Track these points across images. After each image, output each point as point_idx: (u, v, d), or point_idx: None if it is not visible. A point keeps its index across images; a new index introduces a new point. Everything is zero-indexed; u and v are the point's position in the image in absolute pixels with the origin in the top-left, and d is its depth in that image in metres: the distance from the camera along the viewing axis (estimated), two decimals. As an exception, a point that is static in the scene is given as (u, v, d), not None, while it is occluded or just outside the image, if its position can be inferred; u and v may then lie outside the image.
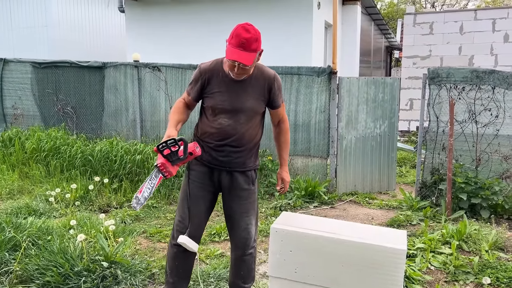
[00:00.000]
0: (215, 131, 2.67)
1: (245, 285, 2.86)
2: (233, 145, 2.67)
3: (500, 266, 3.45)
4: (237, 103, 2.64)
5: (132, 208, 2.51)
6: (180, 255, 2.75)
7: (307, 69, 6.01)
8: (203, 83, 2.68)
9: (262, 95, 2.69)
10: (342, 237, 2.21)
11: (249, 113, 2.67)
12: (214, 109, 2.66)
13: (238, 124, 2.66)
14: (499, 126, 5.01)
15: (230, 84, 2.64)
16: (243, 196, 2.74)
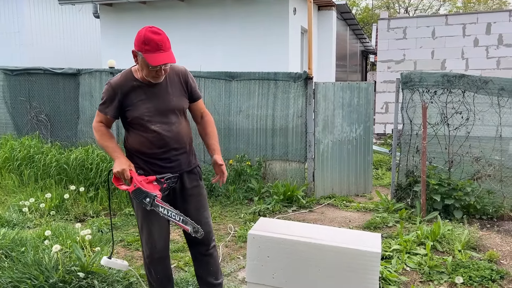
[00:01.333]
0: (152, 139, 2.64)
1: (218, 281, 2.90)
2: (176, 147, 2.69)
3: (472, 265, 3.55)
4: (163, 105, 2.65)
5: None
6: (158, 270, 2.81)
7: (284, 75, 6.07)
8: (120, 98, 2.61)
9: (182, 90, 2.74)
10: (318, 241, 2.24)
11: (177, 112, 2.70)
12: (141, 118, 2.61)
13: (171, 126, 2.67)
14: (470, 129, 5.16)
15: (149, 90, 2.63)
16: (194, 193, 2.78)
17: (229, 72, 6.23)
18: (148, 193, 2.51)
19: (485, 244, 4.12)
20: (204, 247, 2.83)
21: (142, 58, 2.49)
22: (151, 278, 2.85)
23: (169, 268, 2.91)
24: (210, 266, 2.87)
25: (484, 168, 5.18)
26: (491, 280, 3.35)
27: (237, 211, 5.41)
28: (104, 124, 2.71)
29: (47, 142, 6.78)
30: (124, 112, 2.65)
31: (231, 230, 4.69)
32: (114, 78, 2.66)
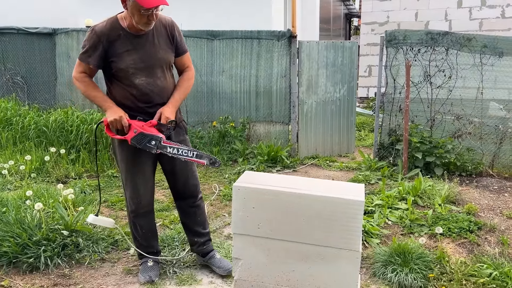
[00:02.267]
0: (136, 93, 2.56)
1: (205, 230, 2.98)
2: (161, 103, 2.62)
3: (451, 217, 3.65)
4: (149, 58, 2.55)
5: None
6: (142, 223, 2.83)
7: (267, 33, 5.95)
8: (105, 47, 2.48)
9: (168, 42, 2.64)
10: (303, 191, 2.25)
11: (163, 64, 2.63)
12: (126, 71, 2.52)
13: (157, 79, 2.60)
14: (453, 86, 5.19)
15: (135, 41, 2.53)
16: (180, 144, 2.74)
17: (211, 31, 6.07)
18: (153, 135, 2.49)
19: (464, 198, 4.23)
20: (191, 199, 2.87)
21: (133, 1, 2.36)
22: (136, 232, 2.87)
23: (153, 222, 2.94)
24: (198, 217, 2.92)
25: (465, 126, 5.26)
26: (469, 231, 3.46)
27: (222, 172, 5.41)
28: (87, 75, 2.58)
29: (24, 105, 6.59)
30: (108, 63, 2.53)
31: (216, 190, 4.70)
32: (98, 24, 2.52)
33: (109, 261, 3.14)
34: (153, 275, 2.85)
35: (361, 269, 3.05)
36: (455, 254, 3.19)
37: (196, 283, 2.87)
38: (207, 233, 3.01)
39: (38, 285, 2.77)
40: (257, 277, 2.38)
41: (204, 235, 2.99)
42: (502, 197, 4.36)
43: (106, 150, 5.40)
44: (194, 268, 3.05)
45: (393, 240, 3.26)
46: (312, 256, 2.27)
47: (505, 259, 3.04)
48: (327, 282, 2.27)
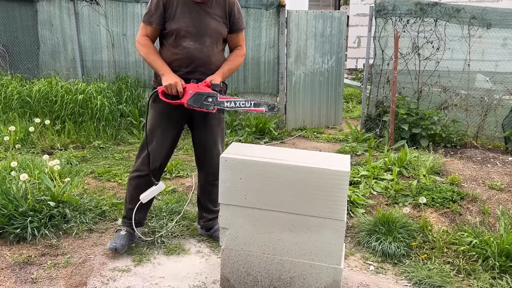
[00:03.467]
0: (182, 56, 2.61)
1: (216, 208, 3.03)
2: (201, 71, 2.64)
3: (435, 188, 3.72)
4: (202, 25, 2.60)
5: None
6: (142, 186, 2.82)
7: (255, 2, 5.84)
8: (164, 6, 2.58)
9: (224, 17, 2.68)
10: (289, 162, 2.26)
11: (214, 35, 2.65)
12: (178, 32, 2.59)
13: (204, 47, 2.62)
14: (440, 58, 5.19)
15: (192, 6, 2.59)
16: (214, 124, 2.79)
17: (198, -1, 5.92)
18: (209, 93, 2.54)
19: (448, 169, 4.30)
20: (212, 177, 2.89)
21: None
22: (129, 193, 2.88)
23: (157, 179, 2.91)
24: (212, 195, 2.96)
25: (451, 98, 5.29)
26: (452, 201, 3.54)
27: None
28: (149, 38, 2.65)
29: (6, 74, 6.43)
30: (163, 23, 2.61)
31: (203, 161, 4.70)
32: None
33: (96, 232, 3.16)
34: (119, 245, 2.79)
35: (346, 238, 3.12)
36: (437, 223, 3.27)
37: (184, 253, 2.91)
38: (216, 211, 3.05)
39: (26, 255, 2.78)
40: (244, 246, 2.42)
41: (214, 212, 3.05)
42: (485, 168, 4.45)
43: (91, 121, 5.34)
44: (182, 238, 3.09)
45: (378, 210, 3.32)
46: (298, 225, 2.31)
47: (485, 227, 3.13)
48: (313, 251, 2.32)
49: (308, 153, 2.55)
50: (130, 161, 4.66)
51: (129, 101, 5.84)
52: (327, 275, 2.33)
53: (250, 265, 2.44)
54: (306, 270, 2.36)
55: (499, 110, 5.21)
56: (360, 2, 11.55)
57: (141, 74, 6.38)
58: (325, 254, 2.31)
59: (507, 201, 3.61)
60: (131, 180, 2.88)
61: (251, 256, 2.43)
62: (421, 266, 2.77)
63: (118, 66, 6.47)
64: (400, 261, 2.86)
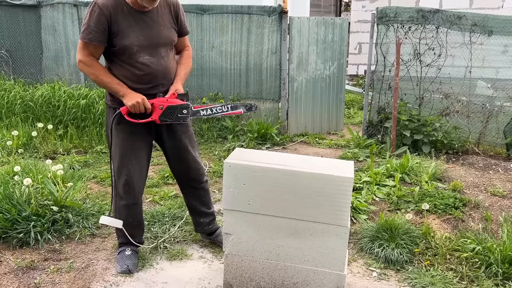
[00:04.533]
0: (140, 73, 2.45)
1: (210, 210, 2.99)
2: (163, 83, 2.54)
3: (437, 194, 3.72)
4: (153, 37, 2.45)
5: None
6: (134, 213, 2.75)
7: (258, 8, 5.87)
8: (108, 21, 2.34)
9: (172, 22, 2.57)
10: (293, 168, 2.27)
11: (167, 45, 2.54)
12: (130, 49, 2.39)
13: (160, 59, 2.50)
14: (442, 64, 5.21)
15: (138, 17, 2.41)
16: (182, 130, 2.70)
17: (200, 5, 5.96)
18: (182, 104, 2.46)
19: (450, 175, 4.30)
20: (196, 182, 2.86)
21: None
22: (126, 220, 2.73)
23: (141, 213, 2.84)
24: (203, 198, 2.92)
25: (452, 104, 5.30)
26: (455, 207, 3.54)
27: (211, 149, 5.42)
28: (94, 57, 2.41)
29: (9, 79, 6.46)
30: (110, 40, 2.38)
31: (206, 166, 4.71)
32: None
33: (99, 237, 3.16)
34: (131, 265, 2.71)
35: (349, 244, 3.11)
36: (440, 230, 3.27)
37: (187, 258, 2.91)
38: (211, 213, 3.00)
39: (29, 260, 2.78)
40: (247, 251, 2.43)
41: (209, 215, 2.99)
42: (487, 174, 4.45)
43: (94, 126, 5.35)
44: (184, 243, 3.09)
45: (380, 216, 3.32)
46: (302, 231, 2.32)
47: (488, 234, 3.12)
48: (316, 257, 2.32)
49: (311, 159, 2.56)
50: (132, 166, 4.67)
51: (131, 106, 5.85)
52: (330, 281, 2.33)
53: (253, 271, 2.44)
54: (309, 276, 2.36)
55: (500, 117, 5.22)
56: (361, 9, 11.60)
57: (144, 80, 6.40)
58: (329, 260, 2.31)
59: (510, 207, 3.61)
60: (120, 210, 2.69)
61: (254, 262, 2.43)
62: (424, 273, 2.77)
63: (120, 71, 6.49)
64: (403, 268, 2.86)
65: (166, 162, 4.79)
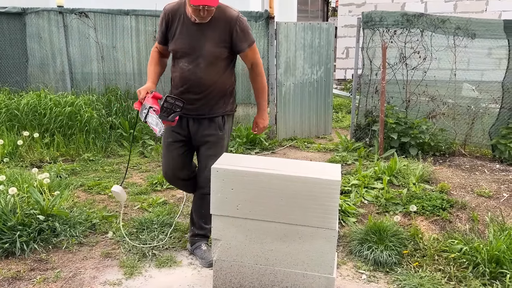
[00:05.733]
0: (177, 75, 2.71)
1: (206, 225, 2.96)
2: (195, 91, 2.68)
3: (425, 196, 3.75)
4: (196, 47, 2.62)
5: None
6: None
7: (245, 14, 5.82)
8: (167, 25, 2.68)
9: (222, 39, 2.61)
10: (281, 172, 2.27)
11: (208, 58, 2.62)
12: (175, 53, 2.69)
13: (197, 69, 2.64)
14: (427, 67, 5.27)
15: (190, 27, 2.62)
16: (210, 141, 2.78)
17: (187, 12, 5.96)
18: (145, 104, 2.55)
19: (437, 177, 4.34)
20: (202, 190, 2.89)
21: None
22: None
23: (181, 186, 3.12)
24: (202, 209, 2.91)
25: (438, 107, 5.37)
26: (442, 208, 3.57)
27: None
28: (159, 50, 2.81)
29: (-6, 88, 6.39)
30: (166, 41, 2.74)
31: (194, 172, 4.69)
32: (170, 3, 2.70)
33: (87, 245, 3.12)
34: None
35: (338, 247, 3.12)
36: (428, 231, 3.29)
37: (176, 265, 2.89)
38: (205, 229, 2.98)
39: (15, 270, 2.74)
40: (237, 257, 2.42)
41: (202, 229, 2.98)
42: (473, 175, 4.50)
43: (81, 133, 5.30)
44: (173, 250, 3.07)
45: (369, 218, 3.33)
46: (290, 235, 2.32)
47: (475, 234, 3.15)
48: (305, 261, 2.32)
49: (299, 163, 2.56)
50: (120, 173, 4.64)
51: (119, 113, 5.82)
52: (319, 284, 2.33)
53: (242, 276, 2.43)
54: (298, 280, 2.36)
55: (485, 118, 5.29)
56: (348, 14, 11.71)
57: (131, 86, 6.37)
58: (318, 263, 2.31)
59: (496, 208, 3.66)
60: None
61: (244, 267, 2.42)
62: (413, 274, 2.78)
63: (107, 78, 6.46)
64: (392, 270, 2.87)
65: (154, 169, 4.79)
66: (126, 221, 3.47)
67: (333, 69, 6.44)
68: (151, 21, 6.08)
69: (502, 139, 4.98)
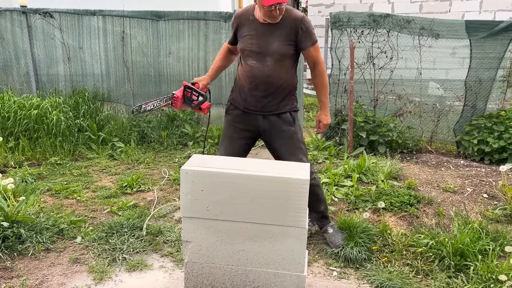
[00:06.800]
0: (245, 73, 2.81)
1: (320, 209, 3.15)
2: (264, 89, 2.80)
3: (393, 192, 3.84)
4: (264, 45, 2.74)
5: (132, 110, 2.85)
6: None
7: (214, 14, 5.87)
8: (236, 27, 2.86)
9: (289, 37, 2.75)
10: (250, 172, 2.28)
11: (276, 55, 2.75)
12: (243, 51, 2.81)
13: (265, 67, 2.76)
14: (394, 66, 5.40)
15: (258, 28, 2.76)
16: (284, 136, 2.89)
17: (155, 11, 5.90)
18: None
19: (405, 174, 4.46)
20: None
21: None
22: None
23: None
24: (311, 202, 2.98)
25: (405, 105, 5.50)
26: (409, 204, 3.66)
27: (171, 156, 5.35)
28: (229, 48, 3.00)
29: (-46, 91, 6.13)
30: (236, 41, 2.89)
31: (166, 174, 4.65)
32: (239, 9, 2.95)
33: (54, 251, 3.05)
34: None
35: (309, 245, 3.16)
36: (396, 227, 3.37)
37: (147, 268, 2.86)
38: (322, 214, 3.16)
39: (-22, 280, 2.65)
40: (208, 258, 2.41)
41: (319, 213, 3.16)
42: (439, 171, 4.64)
43: (47, 137, 5.16)
44: (144, 253, 3.03)
45: (339, 216, 3.39)
46: (261, 235, 2.33)
47: (441, 229, 3.25)
48: (276, 260, 2.34)
49: (269, 163, 2.58)
50: (89, 176, 4.54)
51: (87, 115, 5.70)
52: (291, 283, 2.35)
53: (214, 278, 2.43)
54: (270, 279, 2.37)
55: (450, 116, 5.46)
56: (318, 14, 11.84)
57: (99, 87, 6.25)
58: (289, 262, 2.33)
59: (460, 202, 3.78)
60: None
61: (215, 268, 2.42)
62: (382, 269, 2.84)
63: (74, 79, 6.31)
64: (362, 265, 2.93)
65: (124, 172, 4.72)
66: (95, 226, 3.40)
67: (303, 69, 6.50)
68: (119, 22, 5.98)
69: (466, 136, 5.15)
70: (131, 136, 5.60)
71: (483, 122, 5.05)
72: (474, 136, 5.05)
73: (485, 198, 3.92)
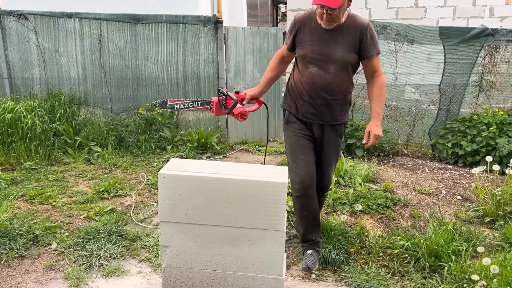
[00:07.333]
0: (306, 80, 2.73)
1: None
2: (323, 97, 2.72)
3: (370, 195, 3.90)
4: (327, 52, 2.66)
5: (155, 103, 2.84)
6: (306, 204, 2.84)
7: (193, 18, 5.86)
8: (296, 32, 2.75)
9: (352, 45, 2.66)
10: (228, 176, 2.28)
11: (339, 63, 2.67)
12: (304, 58, 2.72)
13: (327, 74, 2.69)
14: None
15: (321, 34, 2.67)
16: (330, 147, 2.88)
17: (133, 15, 5.85)
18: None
19: (382, 177, 4.53)
20: (318, 194, 2.94)
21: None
22: (297, 214, 2.97)
23: (314, 207, 2.90)
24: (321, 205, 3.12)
25: (382, 109, 5.59)
26: (386, 206, 3.73)
27: (150, 160, 5.31)
28: (283, 54, 2.92)
29: None
30: (296, 48, 2.78)
31: (144, 179, 4.60)
32: (301, 13, 2.77)
33: (28, 258, 2.98)
34: (310, 263, 2.86)
35: (287, 248, 3.18)
36: (373, 229, 3.42)
37: (124, 274, 2.82)
38: None
39: None
40: (186, 263, 2.40)
41: None
42: (415, 174, 4.73)
43: (22, 141, 5.05)
44: (122, 259, 2.99)
45: (318, 219, 3.41)
46: (240, 238, 2.33)
47: (416, 230, 3.32)
48: (255, 263, 2.35)
49: (247, 166, 2.59)
50: (65, 181, 4.46)
51: (63, 119, 5.60)
52: (269, 286, 2.36)
53: (192, 282, 2.42)
54: (248, 283, 2.38)
55: (425, 120, 5.59)
56: (296, 19, 11.95)
57: (76, 91, 6.15)
58: (267, 265, 2.34)
59: (435, 204, 3.87)
60: (294, 201, 2.91)
61: (194, 273, 2.41)
62: (359, 271, 2.88)
63: (50, 83, 6.19)
64: (340, 268, 2.96)
65: (100, 177, 4.66)
66: (71, 231, 3.34)
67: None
68: (96, 25, 5.91)
69: (441, 139, 5.27)
70: (109, 140, 5.53)
71: (457, 126, 5.18)
72: (448, 139, 5.18)
73: (459, 200, 4.02)
